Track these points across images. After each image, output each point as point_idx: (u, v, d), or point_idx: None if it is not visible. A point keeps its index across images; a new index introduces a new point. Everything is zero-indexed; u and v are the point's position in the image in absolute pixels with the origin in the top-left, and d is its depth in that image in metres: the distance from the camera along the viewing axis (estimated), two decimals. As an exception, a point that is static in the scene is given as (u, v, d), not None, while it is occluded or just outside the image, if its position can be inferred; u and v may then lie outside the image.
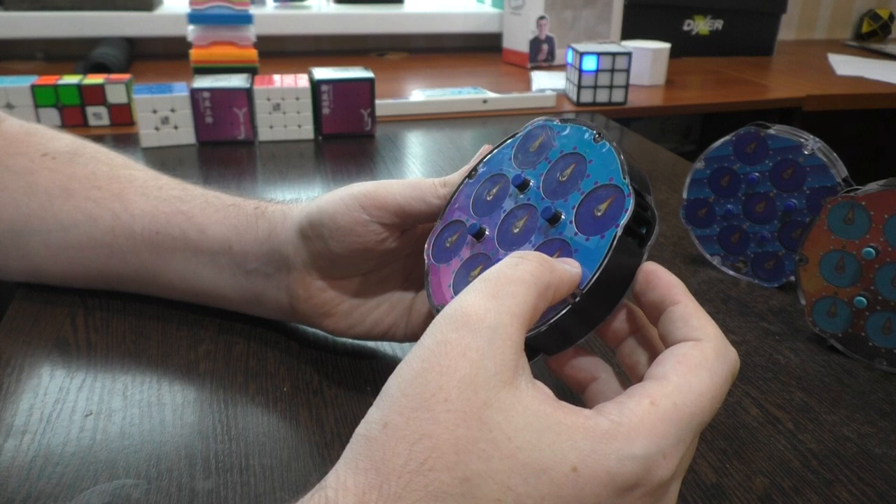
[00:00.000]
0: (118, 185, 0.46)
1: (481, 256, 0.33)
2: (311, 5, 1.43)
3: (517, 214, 0.33)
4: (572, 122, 0.34)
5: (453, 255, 0.35)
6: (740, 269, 0.55)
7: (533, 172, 0.34)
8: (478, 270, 0.33)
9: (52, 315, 0.46)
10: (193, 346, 0.44)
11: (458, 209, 0.36)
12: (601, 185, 0.30)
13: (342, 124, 0.86)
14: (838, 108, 1.19)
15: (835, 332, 0.45)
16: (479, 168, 0.37)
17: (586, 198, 0.31)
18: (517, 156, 0.35)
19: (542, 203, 0.32)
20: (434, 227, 0.37)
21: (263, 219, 0.42)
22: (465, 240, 0.34)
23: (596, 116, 1.01)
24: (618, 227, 0.28)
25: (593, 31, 1.34)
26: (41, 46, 1.30)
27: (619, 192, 0.29)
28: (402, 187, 0.37)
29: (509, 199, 0.34)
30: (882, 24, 1.75)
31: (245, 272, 0.42)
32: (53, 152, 0.47)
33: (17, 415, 0.37)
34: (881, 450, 0.37)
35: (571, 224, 0.30)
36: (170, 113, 0.80)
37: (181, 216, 0.44)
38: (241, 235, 0.42)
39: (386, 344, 0.44)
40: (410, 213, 0.37)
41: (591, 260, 0.29)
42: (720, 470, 0.35)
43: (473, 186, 0.36)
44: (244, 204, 0.43)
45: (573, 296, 0.28)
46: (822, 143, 0.50)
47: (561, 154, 0.33)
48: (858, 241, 0.43)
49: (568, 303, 0.28)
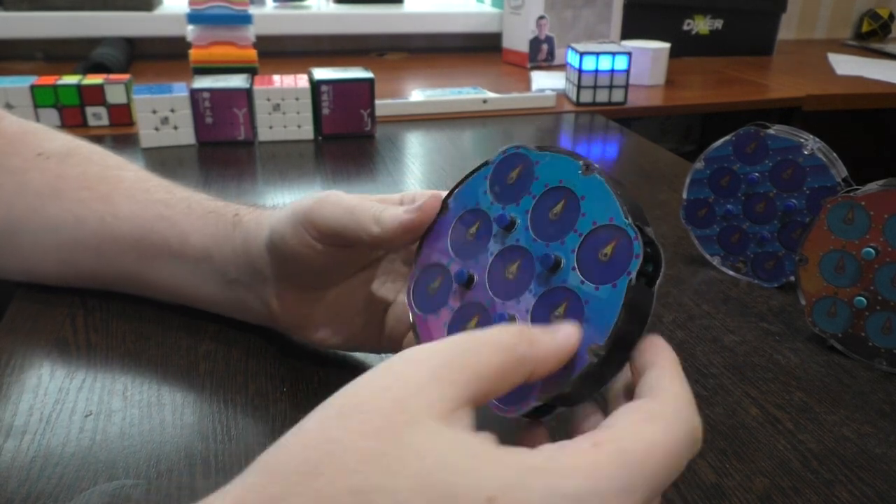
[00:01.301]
0: (106, 186, 0.46)
1: (475, 307, 0.31)
2: (310, 5, 1.43)
3: (507, 258, 0.31)
4: (550, 151, 0.31)
5: (440, 305, 0.33)
6: (740, 269, 0.55)
7: (517, 209, 0.31)
8: (473, 322, 0.31)
9: (51, 315, 0.46)
10: (193, 347, 0.44)
11: (434, 251, 0.34)
12: (601, 226, 0.28)
13: (342, 124, 0.86)
14: (838, 108, 1.19)
15: (835, 332, 0.45)
16: (450, 203, 0.34)
17: (586, 240, 0.29)
18: (493, 188, 0.32)
19: (535, 245, 0.30)
20: (411, 271, 0.34)
21: (240, 228, 0.41)
22: (450, 287, 0.32)
23: (595, 116, 1.01)
24: (629, 274, 0.27)
25: (593, 31, 1.34)
26: (41, 46, 1.30)
27: (623, 233, 0.28)
28: (341, 212, 0.34)
29: (494, 241, 0.32)
30: (882, 23, 1.75)
31: (226, 281, 0.42)
32: (48, 152, 0.47)
33: (17, 415, 0.37)
34: (881, 450, 0.37)
35: (575, 271, 0.28)
36: (169, 113, 0.80)
37: (164, 222, 0.43)
38: (220, 245, 0.41)
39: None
40: (349, 238, 0.34)
41: (604, 312, 0.27)
42: (720, 470, 0.35)
43: (447, 223, 0.34)
44: (225, 210, 0.42)
45: (594, 353, 0.26)
46: (822, 143, 0.50)
47: (546, 188, 0.31)
48: (858, 242, 0.43)
49: (587, 360, 0.26)
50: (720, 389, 0.41)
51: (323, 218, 0.35)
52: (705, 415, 0.39)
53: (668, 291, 0.52)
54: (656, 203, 0.69)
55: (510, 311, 0.30)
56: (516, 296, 0.30)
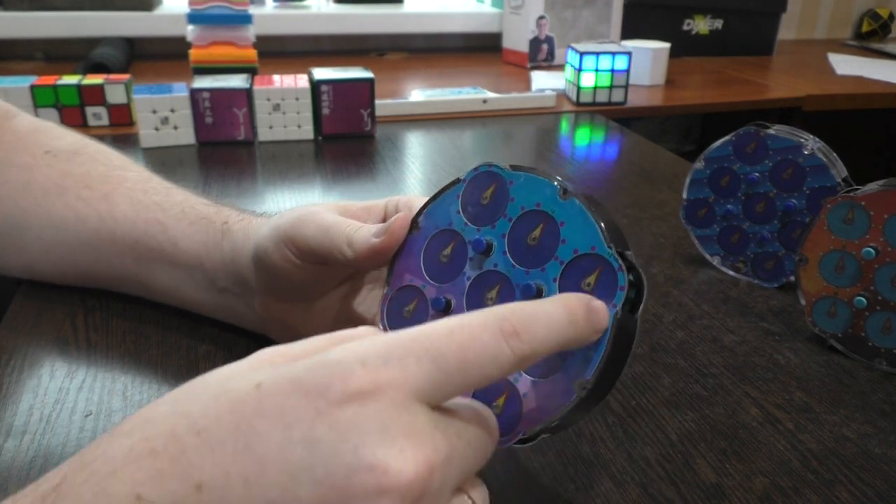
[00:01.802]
0: (108, 186, 0.46)
1: None
2: (310, 5, 1.43)
3: (486, 283, 0.30)
4: (525, 170, 0.31)
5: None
6: (740, 269, 0.55)
7: (492, 232, 0.31)
8: None
9: (52, 315, 0.46)
10: (193, 347, 0.44)
11: (407, 272, 0.33)
12: (583, 255, 0.28)
13: (342, 124, 0.86)
14: (838, 107, 1.19)
15: (835, 332, 0.45)
16: (421, 221, 0.33)
17: (567, 269, 0.28)
18: (466, 208, 0.32)
19: (515, 272, 0.30)
20: (384, 290, 0.34)
21: (228, 238, 0.41)
22: (426, 311, 0.32)
23: (595, 116, 1.01)
24: (615, 307, 0.27)
25: (593, 31, 1.34)
26: (41, 46, 1.30)
27: (607, 264, 0.27)
28: (317, 230, 0.34)
29: (470, 265, 0.31)
30: (882, 23, 1.75)
31: (217, 289, 0.42)
32: (55, 150, 0.48)
33: (17, 415, 0.37)
34: (881, 450, 0.37)
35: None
36: (169, 113, 0.80)
37: (158, 226, 0.43)
38: (210, 253, 0.41)
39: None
40: (325, 257, 0.34)
41: (590, 345, 0.26)
42: (720, 470, 0.35)
43: (420, 243, 0.33)
44: (215, 217, 0.42)
45: (581, 387, 0.26)
46: (822, 143, 0.50)
47: (522, 210, 0.30)
48: (858, 241, 0.43)
49: (576, 394, 0.26)
50: (720, 389, 0.41)
51: (302, 237, 0.35)
52: (705, 415, 0.39)
53: (668, 291, 0.52)
54: (656, 203, 0.69)
55: None
56: None
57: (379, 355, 0.22)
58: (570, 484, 0.34)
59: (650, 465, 0.35)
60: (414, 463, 0.21)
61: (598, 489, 0.34)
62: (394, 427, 0.21)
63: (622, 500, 0.33)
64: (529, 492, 0.33)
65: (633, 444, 0.37)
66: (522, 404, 0.28)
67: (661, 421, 0.39)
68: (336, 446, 0.20)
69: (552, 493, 0.33)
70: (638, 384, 0.42)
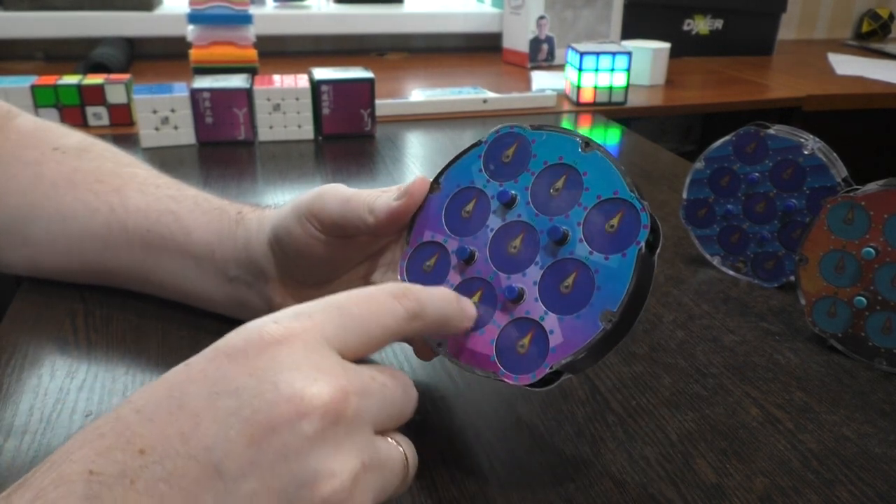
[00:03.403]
0: (119, 180, 0.46)
1: (477, 281, 0.32)
2: (310, 5, 1.43)
3: (510, 233, 0.31)
4: (546, 129, 0.32)
5: (438, 281, 0.33)
6: (740, 269, 0.55)
7: (516, 186, 0.32)
8: (477, 296, 0.32)
9: (52, 315, 0.46)
10: (193, 347, 0.43)
11: (427, 228, 0.34)
12: (606, 200, 0.29)
13: (342, 124, 0.86)
14: (838, 107, 1.19)
15: (835, 332, 0.45)
16: (442, 181, 0.34)
17: (591, 213, 0.30)
18: (488, 166, 0.33)
19: (539, 220, 0.31)
20: (403, 250, 0.35)
21: (242, 227, 0.41)
22: (448, 263, 0.33)
23: (595, 116, 1.01)
24: (639, 244, 0.28)
25: (593, 31, 1.34)
26: (41, 46, 1.30)
27: (630, 206, 0.29)
28: (337, 202, 0.35)
29: (494, 217, 0.32)
30: (882, 23, 1.75)
31: (228, 279, 0.42)
32: (63, 147, 0.48)
33: (17, 415, 0.37)
34: (881, 450, 0.37)
35: (582, 242, 0.29)
36: (170, 113, 0.80)
37: (171, 216, 0.44)
38: (223, 242, 0.42)
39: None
40: (348, 228, 0.35)
41: (616, 280, 0.28)
42: (720, 470, 0.35)
43: (441, 201, 0.34)
44: (229, 208, 0.43)
45: (607, 319, 0.28)
46: (822, 143, 0.50)
47: (545, 165, 0.31)
48: (858, 241, 0.43)
49: (602, 326, 0.28)
50: (720, 389, 0.41)
51: (323, 210, 0.36)
52: (705, 415, 0.39)
53: (668, 291, 0.52)
54: (656, 203, 0.69)
55: (517, 284, 0.31)
56: (522, 269, 0.31)
57: (288, 314, 0.25)
58: (570, 484, 0.34)
59: (650, 465, 0.35)
60: (328, 387, 0.23)
61: (598, 489, 0.34)
62: (307, 363, 0.24)
63: (622, 500, 0.33)
64: (530, 491, 0.33)
65: (633, 444, 0.37)
66: (549, 340, 0.29)
67: (662, 421, 0.39)
68: (258, 388, 0.23)
69: (552, 492, 0.33)
70: (638, 384, 0.42)
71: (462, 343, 0.31)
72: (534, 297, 0.30)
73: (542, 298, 0.30)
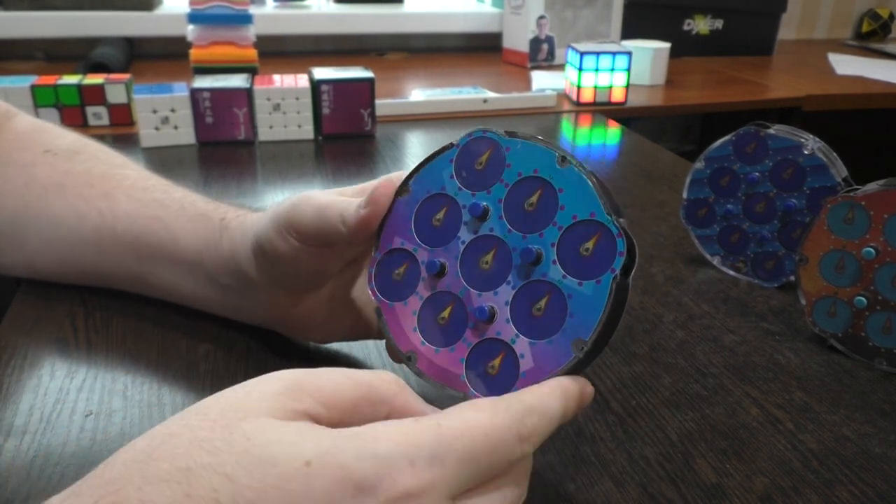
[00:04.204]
0: (109, 184, 0.46)
1: (447, 296, 0.31)
2: (310, 5, 1.43)
3: (481, 248, 0.30)
4: (520, 137, 0.31)
5: (408, 293, 0.32)
6: (740, 269, 0.55)
7: (488, 197, 0.31)
8: (447, 311, 0.31)
9: (52, 315, 0.46)
10: (193, 347, 0.44)
11: (396, 234, 0.33)
12: (582, 221, 0.28)
13: (342, 124, 0.86)
14: (838, 107, 1.19)
15: (835, 332, 0.45)
16: (411, 184, 0.33)
17: (566, 234, 0.29)
18: (460, 172, 0.32)
19: (511, 236, 0.30)
20: (372, 255, 0.33)
21: (226, 235, 0.40)
22: (418, 274, 0.32)
23: (595, 116, 1.01)
24: (614, 272, 0.27)
25: (593, 31, 1.34)
26: (41, 46, 1.30)
27: (606, 229, 0.28)
28: (313, 211, 0.34)
29: (465, 229, 0.31)
30: (882, 23, 1.75)
31: (220, 286, 0.42)
32: (55, 149, 0.48)
33: (17, 415, 0.37)
34: (881, 450, 0.37)
35: (556, 264, 0.29)
36: (170, 113, 0.80)
37: (158, 223, 0.43)
38: (210, 250, 0.41)
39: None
40: (324, 237, 0.34)
41: (589, 308, 0.28)
42: (720, 470, 0.35)
43: (410, 207, 0.32)
44: (213, 214, 0.42)
45: (579, 348, 0.27)
46: (822, 143, 0.50)
47: (519, 176, 0.30)
48: (858, 241, 0.43)
49: (574, 355, 0.28)
50: (720, 389, 0.41)
51: (300, 220, 0.35)
52: (705, 414, 0.39)
53: (668, 291, 0.52)
54: (656, 203, 0.69)
55: (489, 304, 0.30)
56: (493, 287, 0.30)
57: (425, 456, 0.23)
58: (570, 484, 0.34)
59: (650, 464, 0.35)
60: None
61: (598, 489, 0.34)
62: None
63: (622, 500, 0.33)
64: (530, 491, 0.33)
65: (633, 443, 0.37)
66: (519, 365, 0.29)
67: (661, 421, 0.39)
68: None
69: (552, 493, 0.33)
70: (638, 384, 0.42)
71: (432, 359, 0.31)
72: (505, 318, 0.29)
73: (513, 320, 0.29)
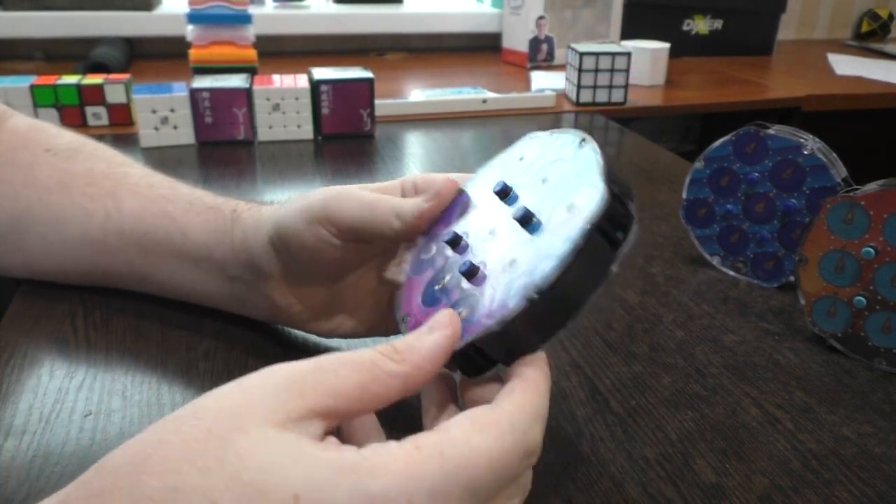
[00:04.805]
0: (112, 182, 0.46)
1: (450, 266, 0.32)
2: (310, 5, 1.43)
3: (496, 219, 0.32)
4: (561, 132, 0.33)
5: (428, 266, 0.33)
6: (740, 269, 0.55)
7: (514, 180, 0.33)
8: (443, 282, 0.31)
9: (51, 315, 0.46)
10: (193, 346, 0.44)
11: (442, 222, 0.35)
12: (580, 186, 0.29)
13: (342, 124, 0.86)
14: (838, 108, 1.19)
15: (834, 332, 0.45)
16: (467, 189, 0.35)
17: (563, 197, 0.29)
18: (503, 167, 0.34)
19: (517, 206, 0.31)
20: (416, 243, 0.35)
21: (238, 226, 0.41)
22: (442, 249, 0.33)
23: (595, 116, 1.01)
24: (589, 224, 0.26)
25: (593, 31, 1.34)
26: (41, 46, 1.30)
27: (594, 190, 0.28)
28: (359, 208, 0.34)
29: (487, 206, 0.33)
30: (882, 23, 1.75)
31: (228, 278, 0.42)
32: (55, 148, 0.48)
33: (16, 415, 0.37)
34: (881, 450, 0.37)
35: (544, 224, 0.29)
36: (169, 113, 0.80)
37: (166, 218, 0.43)
38: (220, 242, 0.41)
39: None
40: (369, 233, 0.34)
41: (553, 257, 0.27)
42: (720, 470, 0.35)
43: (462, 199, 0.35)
44: (223, 207, 0.42)
45: (536, 291, 0.26)
46: (822, 144, 0.50)
47: (545, 161, 0.32)
48: (858, 241, 0.43)
49: (526, 300, 0.26)
50: (720, 389, 0.41)
51: (341, 215, 0.35)
52: (705, 414, 0.39)
53: (668, 291, 0.52)
54: (656, 203, 0.69)
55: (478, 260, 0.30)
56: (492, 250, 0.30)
57: (425, 490, 0.22)
58: (570, 484, 0.34)
59: (650, 465, 0.35)
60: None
61: (598, 489, 0.34)
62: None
63: (622, 500, 0.33)
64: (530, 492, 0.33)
65: (633, 444, 0.37)
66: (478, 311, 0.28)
67: (661, 421, 0.39)
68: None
69: (552, 493, 0.33)
70: (638, 384, 0.42)
71: (420, 320, 0.31)
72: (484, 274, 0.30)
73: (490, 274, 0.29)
